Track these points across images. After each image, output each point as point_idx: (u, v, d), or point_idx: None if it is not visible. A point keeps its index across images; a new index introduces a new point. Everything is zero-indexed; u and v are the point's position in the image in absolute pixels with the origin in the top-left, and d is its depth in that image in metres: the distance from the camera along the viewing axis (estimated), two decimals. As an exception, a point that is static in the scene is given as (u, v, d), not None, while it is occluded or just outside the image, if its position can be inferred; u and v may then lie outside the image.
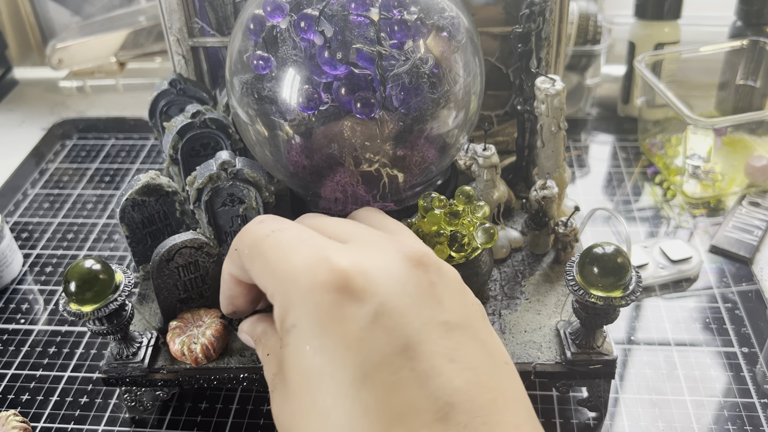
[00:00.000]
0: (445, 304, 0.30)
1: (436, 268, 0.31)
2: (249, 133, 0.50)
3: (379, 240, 0.32)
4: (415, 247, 0.32)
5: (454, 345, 0.29)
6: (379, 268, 0.30)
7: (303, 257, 0.30)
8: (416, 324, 0.29)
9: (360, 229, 0.34)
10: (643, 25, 0.74)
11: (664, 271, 0.57)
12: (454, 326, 0.30)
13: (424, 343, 0.28)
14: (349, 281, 0.29)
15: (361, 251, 0.31)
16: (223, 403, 0.50)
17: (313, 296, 0.29)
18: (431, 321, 0.29)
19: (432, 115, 0.46)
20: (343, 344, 0.28)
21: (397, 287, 0.29)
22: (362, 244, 0.32)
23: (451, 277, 0.32)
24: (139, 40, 0.92)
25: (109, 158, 0.78)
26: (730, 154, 0.69)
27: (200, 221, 0.51)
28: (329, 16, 0.44)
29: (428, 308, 0.29)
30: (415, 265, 0.30)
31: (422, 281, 0.30)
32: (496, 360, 0.31)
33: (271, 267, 0.31)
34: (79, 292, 0.41)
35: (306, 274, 0.29)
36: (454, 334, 0.29)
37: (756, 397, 0.48)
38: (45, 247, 0.66)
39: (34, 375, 0.53)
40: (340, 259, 0.30)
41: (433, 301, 0.30)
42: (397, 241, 0.32)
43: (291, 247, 0.31)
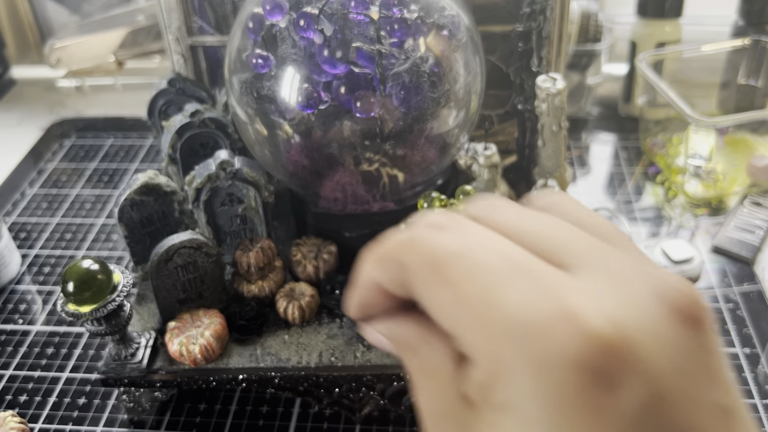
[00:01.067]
0: (721, 378, 0.21)
1: (708, 323, 0.21)
2: (248, 132, 0.49)
3: (620, 268, 0.21)
4: (679, 288, 0.20)
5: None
6: (642, 328, 0.20)
7: (528, 304, 0.19)
8: (696, 417, 0.20)
9: (579, 240, 0.22)
10: (644, 23, 0.73)
11: (666, 271, 0.57)
12: (731, 410, 0.21)
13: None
14: (607, 355, 0.19)
15: (608, 294, 0.20)
16: (222, 403, 0.49)
17: (551, 372, 0.19)
18: (709, 407, 0.20)
19: (432, 115, 0.46)
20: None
21: (669, 362, 0.20)
22: (599, 276, 0.21)
23: (714, 330, 0.22)
24: (137, 39, 0.91)
25: (107, 158, 0.78)
26: (731, 153, 0.68)
27: (199, 221, 0.50)
28: (329, 15, 0.43)
29: (704, 388, 0.20)
30: (685, 322, 0.20)
31: (697, 348, 0.20)
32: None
33: (471, 309, 0.20)
34: (78, 292, 0.41)
35: (541, 337, 0.19)
36: (732, 421, 0.21)
37: (758, 398, 0.48)
38: (43, 247, 0.65)
39: (32, 375, 0.53)
40: (589, 315, 0.19)
41: (707, 377, 0.20)
42: (650, 275, 0.21)
43: (499, 278, 0.20)
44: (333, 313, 0.49)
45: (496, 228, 0.22)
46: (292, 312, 0.47)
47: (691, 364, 0.20)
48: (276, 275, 0.49)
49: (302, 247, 0.51)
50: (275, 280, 0.49)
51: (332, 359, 0.46)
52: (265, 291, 0.48)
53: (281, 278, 0.50)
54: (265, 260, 0.48)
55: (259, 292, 0.48)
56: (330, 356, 0.46)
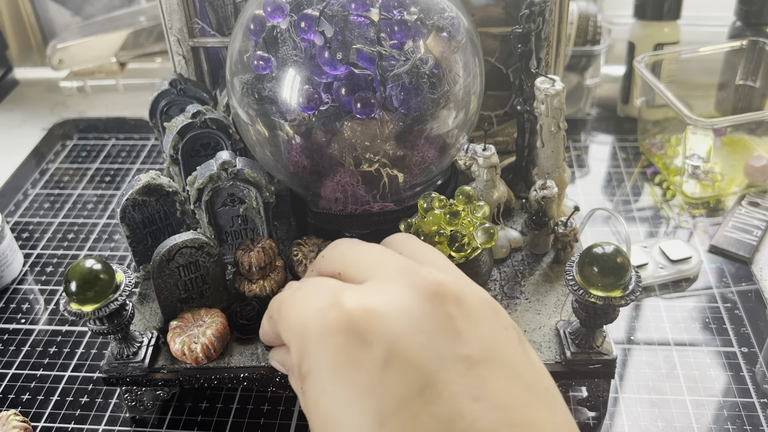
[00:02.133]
0: (466, 337, 0.28)
1: (455, 297, 0.29)
2: (249, 133, 0.50)
3: (397, 274, 0.31)
4: (431, 277, 0.30)
5: (479, 381, 0.27)
6: (390, 305, 0.29)
7: (315, 303, 0.30)
8: (433, 363, 0.27)
9: (382, 262, 0.32)
10: (642, 25, 0.74)
11: (664, 271, 0.57)
12: (477, 360, 0.27)
13: (443, 382, 0.26)
14: (355, 323, 0.28)
15: (374, 290, 0.30)
16: (223, 402, 0.50)
17: (324, 341, 0.28)
18: (450, 357, 0.27)
19: (432, 115, 0.47)
20: (357, 390, 0.27)
21: (408, 325, 0.28)
22: (377, 281, 0.31)
23: (476, 304, 0.30)
24: (139, 41, 0.92)
25: (109, 158, 0.78)
26: (729, 154, 0.69)
27: (201, 221, 0.51)
28: (329, 17, 0.44)
29: (446, 343, 0.27)
30: (429, 298, 0.29)
31: (437, 314, 0.28)
32: (533, 389, 0.28)
33: (288, 320, 0.31)
34: (80, 291, 0.41)
35: (316, 319, 0.29)
36: (478, 368, 0.27)
37: (755, 397, 0.48)
38: (45, 247, 0.66)
39: (34, 375, 0.53)
40: (349, 301, 0.29)
41: (451, 335, 0.28)
42: (413, 273, 0.30)
43: (306, 297, 0.31)
44: (333, 312, 0.49)
45: (327, 273, 0.35)
46: (292, 311, 0.47)
47: (430, 326, 0.28)
48: (277, 275, 0.49)
49: (303, 247, 0.51)
50: (276, 279, 0.49)
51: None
52: (266, 290, 0.49)
53: (282, 278, 0.50)
54: (266, 260, 0.48)
55: (260, 292, 0.49)
56: (330, 355, 0.46)
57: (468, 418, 0.26)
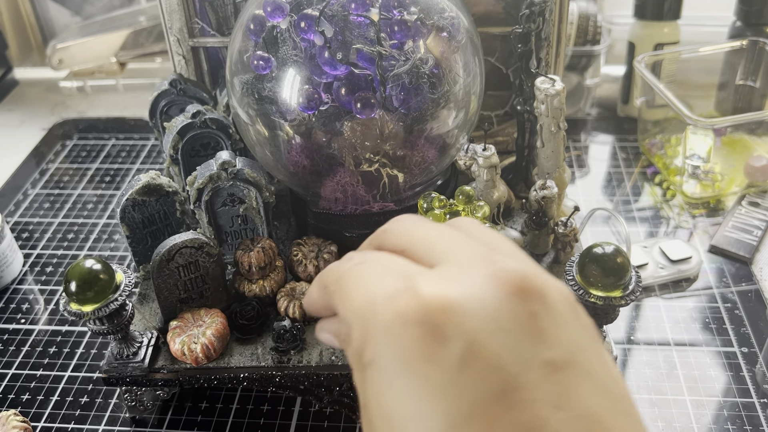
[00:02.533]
0: (550, 338, 0.26)
1: (539, 293, 0.27)
2: (249, 133, 0.50)
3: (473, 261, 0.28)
4: (514, 269, 0.27)
5: (562, 389, 0.25)
6: (470, 298, 0.26)
7: (384, 285, 0.27)
8: (514, 365, 0.25)
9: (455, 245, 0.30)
10: (642, 25, 0.74)
11: (664, 271, 0.57)
12: (561, 365, 0.25)
13: (524, 388, 0.25)
14: (433, 314, 0.25)
15: (450, 277, 0.27)
16: (223, 402, 0.50)
17: (394, 330, 0.26)
18: (533, 361, 0.25)
19: (432, 115, 0.47)
20: (429, 388, 0.25)
21: (489, 322, 0.26)
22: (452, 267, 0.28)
23: (559, 301, 0.28)
24: (139, 41, 0.92)
25: (109, 158, 0.78)
26: (729, 154, 0.69)
27: (200, 221, 0.51)
28: (329, 17, 0.44)
29: (529, 345, 0.25)
30: (512, 293, 0.26)
31: (521, 312, 0.26)
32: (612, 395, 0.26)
33: (350, 298, 0.28)
34: (80, 291, 0.41)
35: (386, 304, 0.26)
36: (561, 374, 0.25)
37: (755, 397, 0.48)
38: (45, 247, 0.66)
39: (34, 375, 0.53)
40: (424, 287, 0.26)
41: (534, 336, 0.26)
42: (493, 262, 0.28)
43: (373, 276, 0.28)
44: (333, 312, 0.49)
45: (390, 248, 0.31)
46: (292, 311, 0.47)
47: (513, 324, 0.26)
48: (277, 275, 0.49)
49: (303, 247, 0.51)
50: (276, 279, 0.49)
51: (333, 358, 0.46)
52: (266, 290, 0.49)
53: (282, 278, 0.50)
54: (266, 260, 0.48)
55: (260, 292, 0.49)
56: (330, 355, 0.46)
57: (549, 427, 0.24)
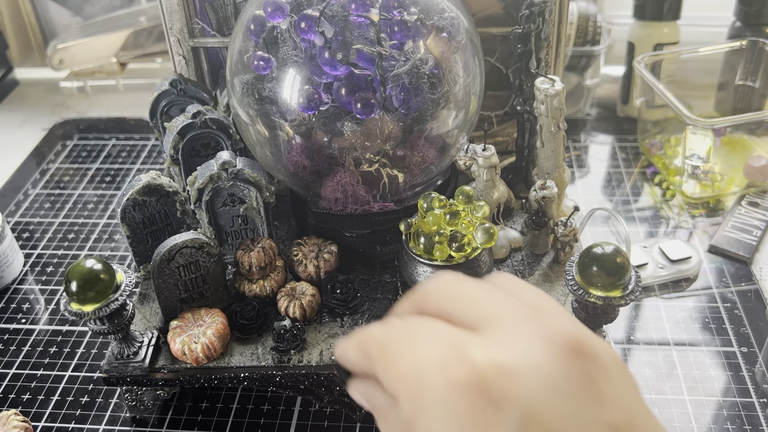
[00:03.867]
0: (607, 399, 0.26)
1: (593, 354, 0.26)
2: (249, 133, 0.50)
3: (521, 323, 0.28)
4: (566, 330, 0.27)
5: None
6: (524, 362, 0.26)
7: (433, 353, 0.27)
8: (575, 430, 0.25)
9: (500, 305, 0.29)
10: (642, 25, 0.74)
11: (664, 271, 0.57)
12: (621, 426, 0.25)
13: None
14: (486, 381, 0.25)
15: (501, 341, 0.27)
16: (223, 402, 0.50)
17: (448, 400, 0.25)
18: (593, 425, 0.25)
19: (432, 116, 0.47)
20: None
21: (546, 385, 0.25)
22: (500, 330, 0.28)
23: (611, 360, 0.27)
24: (139, 41, 0.92)
25: (109, 158, 0.78)
26: (729, 154, 0.69)
27: (201, 221, 0.51)
28: (329, 17, 0.44)
29: (587, 407, 0.25)
30: (566, 355, 0.26)
31: (577, 375, 0.26)
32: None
33: (397, 368, 0.28)
34: (81, 291, 0.41)
35: (438, 373, 0.26)
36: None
37: (755, 397, 0.48)
38: (46, 247, 0.66)
39: (35, 375, 0.53)
40: (476, 354, 0.26)
41: (592, 398, 0.25)
42: (542, 323, 0.27)
43: (418, 342, 0.28)
44: (333, 312, 0.49)
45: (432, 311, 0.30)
46: (293, 311, 0.47)
47: (570, 387, 0.25)
48: (277, 275, 0.49)
49: (303, 247, 0.51)
50: (276, 279, 0.49)
51: (333, 358, 0.46)
52: (266, 290, 0.49)
53: (282, 278, 0.50)
54: (266, 260, 0.48)
55: (261, 292, 0.49)
56: (331, 355, 0.46)
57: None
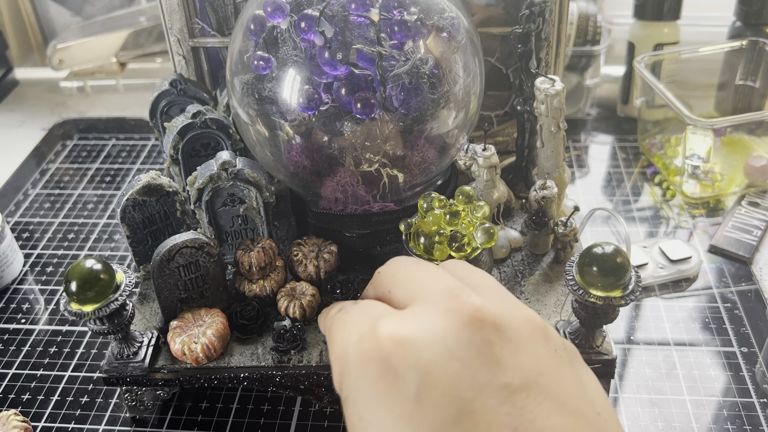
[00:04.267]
0: (507, 363, 0.27)
1: (494, 323, 0.28)
2: (249, 133, 0.50)
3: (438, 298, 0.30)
4: (470, 301, 0.29)
5: (518, 410, 0.26)
6: (424, 333, 0.28)
7: (356, 330, 0.30)
8: (469, 392, 0.26)
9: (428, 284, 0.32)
10: (642, 25, 0.74)
11: (664, 271, 0.57)
12: (517, 387, 0.27)
13: (479, 412, 0.26)
14: (387, 352, 0.28)
15: (412, 316, 0.30)
16: (223, 402, 0.50)
17: (361, 368, 0.29)
18: (488, 386, 0.27)
19: (432, 116, 0.47)
20: (393, 419, 0.27)
21: (443, 352, 0.27)
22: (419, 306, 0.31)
23: (518, 328, 0.29)
24: (139, 41, 0.92)
25: (109, 158, 0.78)
26: (729, 154, 0.69)
27: (201, 221, 0.51)
28: (329, 17, 0.44)
29: (484, 371, 0.27)
30: (466, 324, 0.28)
31: (475, 341, 0.28)
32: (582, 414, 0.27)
33: (332, 344, 0.33)
34: (80, 291, 0.41)
35: (355, 346, 0.29)
36: (518, 396, 0.26)
37: (755, 397, 0.48)
38: (46, 247, 0.66)
39: (34, 375, 0.53)
40: (383, 328, 0.29)
41: (489, 363, 0.27)
42: (453, 297, 0.30)
43: (350, 321, 0.32)
44: (333, 312, 0.49)
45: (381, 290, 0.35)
46: (293, 311, 0.47)
47: (466, 353, 0.27)
48: (277, 275, 0.49)
49: (303, 247, 0.51)
50: (276, 279, 0.49)
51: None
52: (266, 290, 0.49)
53: (282, 278, 0.50)
54: (266, 260, 0.48)
55: (261, 292, 0.49)
56: (330, 355, 0.46)
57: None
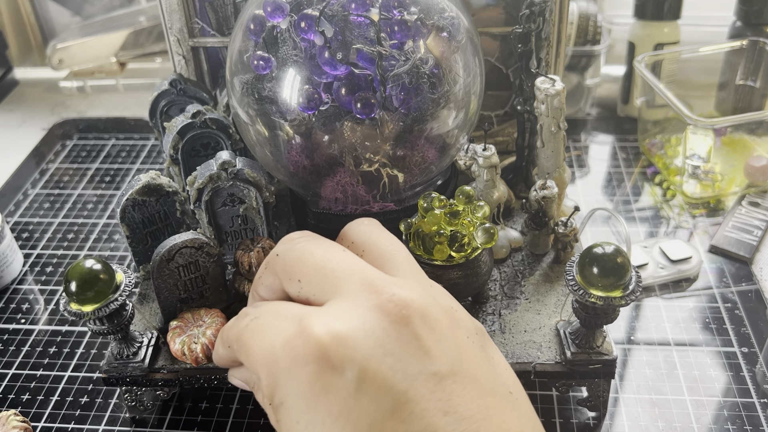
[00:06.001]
0: (434, 353, 0.29)
1: (420, 315, 0.30)
2: (249, 133, 0.50)
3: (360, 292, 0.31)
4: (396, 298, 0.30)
5: (447, 396, 0.28)
6: (357, 329, 0.29)
7: (280, 333, 0.30)
8: (403, 383, 0.28)
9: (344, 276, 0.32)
10: (642, 25, 0.74)
11: (664, 271, 0.57)
12: (445, 374, 0.29)
13: (414, 401, 0.28)
14: (325, 350, 0.28)
15: (339, 312, 0.30)
16: (223, 402, 0.50)
17: (295, 371, 0.29)
18: (419, 376, 0.28)
19: (432, 115, 0.47)
20: (331, 417, 0.28)
21: (376, 348, 0.28)
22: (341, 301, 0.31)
23: (439, 317, 0.31)
24: (139, 41, 0.92)
25: (109, 158, 0.78)
26: (729, 154, 0.69)
27: (200, 221, 0.51)
28: (329, 17, 0.44)
29: (414, 363, 0.29)
30: (395, 320, 0.29)
31: (404, 336, 0.29)
32: (497, 394, 0.30)
33: (253, 352, 0.31)
34: (80, 291, 0.41)
35: (284, 350, 0.29)
36: (446, 383, 0.28)
37: (756, 397, 0.48)
38: (45, 247, 0.66)
39: (34, 375, 0.53)
40: (315, 327, 0.29)
41: (419, 354, 0.29)
42: (377, 292, 0.30)
43: (268, 327, 0.31)
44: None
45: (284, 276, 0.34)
46: (292, 311, 0.47)
47: (398, 347, 0.29)
48: (277, 275, 0.49)
49: (303, 247, 0.51)
50: (276, 279, 0.49)
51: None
52: (266, 290, 0.49)
53: (282, 278, 0.50)
54: (266, 260, 0.48)
55: (260, 292, 0.49)
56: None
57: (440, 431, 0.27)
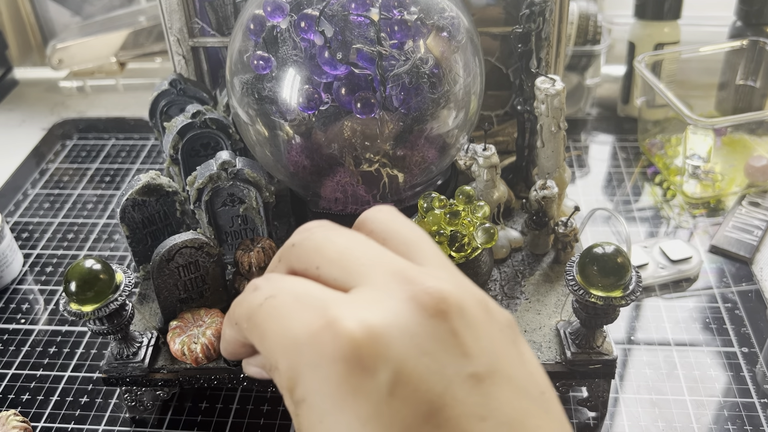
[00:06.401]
0: (472, 352, 0.27)
1: (458, 310, 0.27)
2: (249, 133, 0.50)
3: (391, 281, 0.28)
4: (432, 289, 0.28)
5: (484, 399, 0.26)
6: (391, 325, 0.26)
7: (304, 324, 0.27)
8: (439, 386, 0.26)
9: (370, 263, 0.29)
10: (642, 25, 0.74)
11: (664, 271, 0.57)
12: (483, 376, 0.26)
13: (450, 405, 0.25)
14: (357, 349, 0.26)
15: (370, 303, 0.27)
16: (223, 402, 0.50)
17: (320, 369, 0.26)
18: (457, 378, 0.26)
19: (432, 115, 0.47)
20: (359, 420, 0.25)
21: (412, 347, 0.26)
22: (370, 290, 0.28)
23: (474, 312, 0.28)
24: (139, 40, 0.92)
25: (109, 158, 0.78)
26: (729, 154, 0.69)
27: (200, 221, 0.51)
28: (329, 16, 0.44)
29: (452, 363, 0.26)
30: (432, 315, 0.27)
31: (442, 333, 0.27)
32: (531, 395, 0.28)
33: (270, 338, 0.28)
34: (80, 291, 0.41)
35: (309, 344, 0.26)
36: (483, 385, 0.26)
37: (756, 397, 0.48)
38: (45, 247, 0.66)
39: (34, 375, 0.53)
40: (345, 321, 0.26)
41: (457, 353, 0.27)
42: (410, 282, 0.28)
43: (288, 313, 0.28)
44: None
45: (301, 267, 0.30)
46: (292, 311, 0.47)
47: (435, 346, 0.26)
48: (277, 275, 0.49)
49: (303, 247, 0.51)
50: (276, 279, 0.49)
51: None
52: (266, 290, 0.49)
53: (282, 278, 0.50)
54: (265, 260, 0.48)
55: (260, 292, 0.49)
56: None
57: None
